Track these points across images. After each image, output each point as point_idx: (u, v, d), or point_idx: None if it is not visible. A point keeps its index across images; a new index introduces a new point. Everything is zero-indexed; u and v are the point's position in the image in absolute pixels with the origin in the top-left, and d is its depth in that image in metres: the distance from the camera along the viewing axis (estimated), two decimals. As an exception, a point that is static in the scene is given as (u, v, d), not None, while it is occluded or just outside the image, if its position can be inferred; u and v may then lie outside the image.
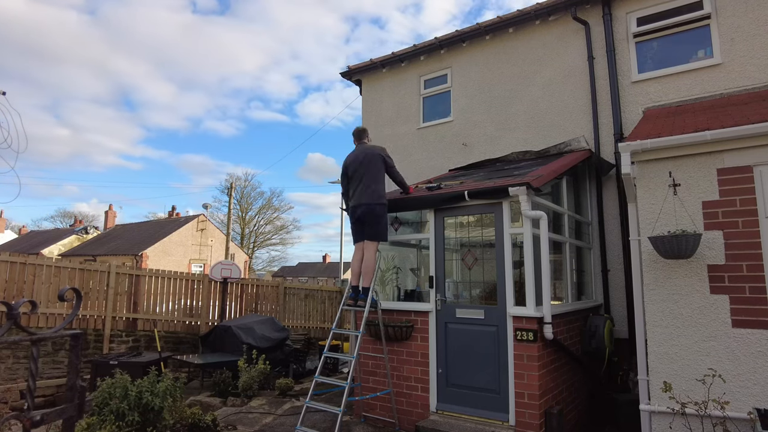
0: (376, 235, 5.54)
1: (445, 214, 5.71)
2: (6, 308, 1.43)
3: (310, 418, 5.69)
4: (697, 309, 4.19)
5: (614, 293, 6.80)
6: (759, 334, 3.94)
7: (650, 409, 4.28)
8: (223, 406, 6.63)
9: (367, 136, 5.99)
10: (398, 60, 9.43)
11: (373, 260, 5.51)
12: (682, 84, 6.68)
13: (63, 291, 1.63)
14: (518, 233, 5.11)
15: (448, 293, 5.68)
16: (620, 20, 7.29)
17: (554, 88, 7.77)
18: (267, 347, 8.46)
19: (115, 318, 9.50)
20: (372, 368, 5.90)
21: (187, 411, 5.29)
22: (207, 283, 11.12)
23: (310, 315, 13.53)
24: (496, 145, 8.19)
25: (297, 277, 54.06)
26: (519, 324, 4.88)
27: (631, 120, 6.89)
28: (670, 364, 4.23)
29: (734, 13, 6.46)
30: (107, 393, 4.73)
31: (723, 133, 4.14)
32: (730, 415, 3.75)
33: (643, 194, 4.56)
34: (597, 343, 5.84)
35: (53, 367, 8.28)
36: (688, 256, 4.13)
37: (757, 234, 4.05)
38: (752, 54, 6.29)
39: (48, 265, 8.86)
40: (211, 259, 29.18)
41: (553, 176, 5.58)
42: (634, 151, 4.45)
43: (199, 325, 10.74)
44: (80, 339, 1.64)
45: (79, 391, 1.58)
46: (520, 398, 4.78)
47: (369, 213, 5.45)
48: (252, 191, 43.74)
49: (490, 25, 8.31)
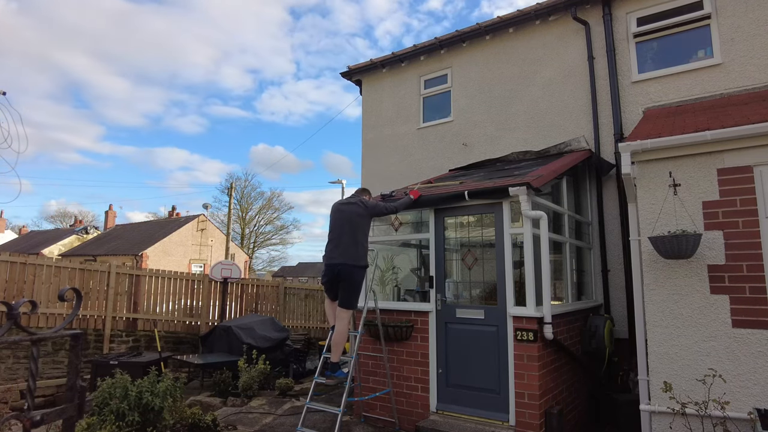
0: (349, 303, 5.04)
1: (445, 214, 5.71)
2: (6, 308, 1.43)
3: (310, 418, 5.69)
4: (698, 309, 4.19)
5: (614, 293, 6.80)
6: (759, 334, 3.94)
7: (650, 409, 4.28)
8: (223, 406, 6.63)
9: (368, 195, 5.57)
10: (398, 60, 9.43)
11: (345, 332, 5.08)
12: (682, 84, 6.68)
13: (63, 291, 1.63)
14: (518, 233, 5.11)
15: (448, 293, 5.67)
16: (620, 20, 7.29)
17: (554, 88, 7.78)
18: (267, 347, 8.45)
19: (115, 318, 9.50)
20: (372, 368, 5.90)
21: (187, 411, 5.29)
22: (207, 283, 11.12)
23: (310, 315, 13.53)
24: (496, 145, 8.19)
25: (297, 277, 54.07)
26: (519, 324, 4.88)
27: (632, 120, 6.89)
28: (671, 364, 4.23)
29: (734, 13, 6.46)
30: (107, 393, 4.73)
31: (723, 133, 4.14)
32: (731, 415, 3.74)
33: (644, 194, 4.56)
34: (597, 343, 5.84)
35: (53, 367, 8.29)
36: (688, 256, 4.13)
37: (757, 234, 4.05)
38: (752, 54, 6.29)
39: (48, 265, 8.86)
40: (211, 259, 29.18)
41: (553, 176, 5.58)
42: (635, 151, 4.45)
43: (199, 325, 10.74)
44: (80, 339, 1.64)
45: (79, 391, 1.57)
46: (520, 398, 4.78)
47: (347, 275, 4.95)
48: (252, 191, 43.77)
49: (490, 25, 8.31)
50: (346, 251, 4.96)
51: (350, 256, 4.95)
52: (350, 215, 5.09)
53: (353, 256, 4.96)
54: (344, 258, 4.95)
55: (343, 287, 5.00)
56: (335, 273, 5.00)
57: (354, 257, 4.96)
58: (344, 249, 4.98)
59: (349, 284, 4.96)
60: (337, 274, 4.98)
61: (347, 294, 5.00)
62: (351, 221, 5.06)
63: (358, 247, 5.00)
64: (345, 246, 4.98)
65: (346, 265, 4.94)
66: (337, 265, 4.98)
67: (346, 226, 5.05)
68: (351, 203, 5.22)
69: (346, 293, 5.00)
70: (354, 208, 5.13)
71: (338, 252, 5.00)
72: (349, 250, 4.96)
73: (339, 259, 4.97)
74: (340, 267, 4.96)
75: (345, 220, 5.08)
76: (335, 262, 4.99)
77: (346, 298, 5.02)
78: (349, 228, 5.03)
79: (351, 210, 5.13)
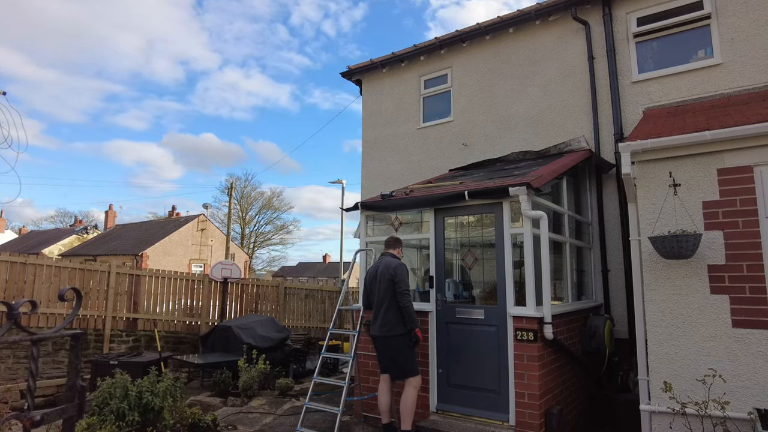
0: (402, 372, 4.85)
1: (445, 214, 5.71)
2: (6, 308, 1.43)
3: (310, 418, 5.69)
4: (698, 309, 4.19)
5: (614, 293, 6.80)
6: (759, 334, 3.94)
7: (650, 409, 4.28)
8: (223, 406, 6.63)
9: (399, 247, 5.35)
10: (398, 60, 9.43)
11: (412, 399, 4.79)
12: (682, 84, 6.68)
13: (63, 291, 1.63)
14: (518, 233, 5.10)
15: (449, 293, 5.67)
16: (620, 20, 7.29)
17: (554, 88, 7.77)
18: (267, 347, 8.46)
19: (115, 318, 9.51)
20: (372, 368, 5.89)
21: (188, 411, 5.28)
22: (207, 283, 11.12)
23: (310, 315, 13.53)
24: (496, 145, 8.19)
25: (297, 277, 54.08)
26: (519, 324, 4.88)
27: (632, 120, 6.88)
28: (670, 364, 4.23)
29: (734, 13, 6.46)
30: (107, 393, 4.73)
31: (723, 133, 4.14)
32: (731, 415, 3.74)
33: (644, 194, 4.55)
34: (597, 343, 5.84)
35: (53, 367, 8.29)
36: (688, 256, 4.13)
37: (758, 234, 4.04)
38: (752, 54, 6.29)
39: (48, 265, 8.86)
40: (211, 259, 29.19)
41: (553, 176, 5.58)
42: (635, 151, 4.45)
43: (199, 325, 10.75)
44: (80, 339, 1.64)
45: (79, 391, 1.57)
46: (521, 398, 4.77)
47: (384, 346, 4.92)
48: (252, 191, 43.77)
49: (490, 25, 8.31)
50: (379, 321, 4.94)
51: (383, 326, 4.89)
52: (383, 280, 4.98)
53: (386, 325, 4.88)
54: (380, 330, 4.90)
55: (386, 357, 4.96)
56: (377, 345, 5.04)
57: (386, 327, 4.87)
58: (379, 318, 4.96)
59: (389, 352, 4.91)
60: (378, 345, 5.01)
61: (394, 363, 4.91)
62: (382, 286, 4.97)
63: (391, 313, 4.88)
64: (380, 315, 4.94)
65: (381, 338, 4.91)
66: (376, 337, 4.99)
67: (380, 293, 4.98)
68: (387, 271, 4.96)
69: (392, 362, 4.93)
70: (387, 279, 4.95)
71: (376, 323, 4.97)
72: (382, 319, 4.92)
73: (376, 329, 4.94)
74: (378, 339, 4.96)
75: (379, 284, 5.00)
76: (374, 332, 4.99)
77: (393, 366, 4.92)
78: (381, 294, 4.97)
79: (386, 275, 4.97)
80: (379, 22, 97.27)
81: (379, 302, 4.95)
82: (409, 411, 4.72)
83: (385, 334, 4.83)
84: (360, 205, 6.31)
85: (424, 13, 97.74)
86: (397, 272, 4.86)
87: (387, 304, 4.85)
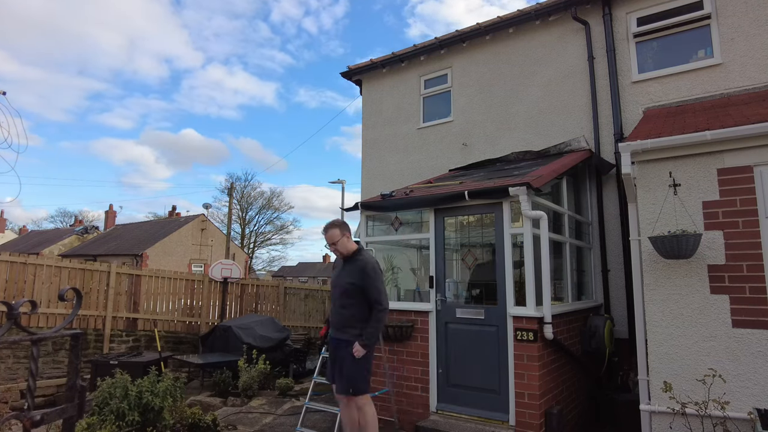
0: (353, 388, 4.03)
1: (445, 214, 5.71)
2: (6, 308, 1.43)
3: (310, 418, 5.69)
4: (698, 309, 4.19)
5: (614, 293, 6.80)
6: (759, 334, 3.94)
7: (650, 409, 4.28)
8: (223, 406, 6.63)
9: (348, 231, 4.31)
10: (398, 60, 9.44)
11: (372, 418, 4.08)
12: (682, 84, 6.68)
13: (63, 291, 1.63)
14: (518, 233, 5.10)
15: (449, 293, 5.67)
16: (620, 20, 7.29)
17: (554, 88, 7.77)
18: (267, 347, 8.46)
19: (115, 318, 9.51)
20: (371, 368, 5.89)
21: (188, 411, 5.28)
22: (207, 283, 11.13)
23: (310, 315, 13.53)
24: (496, 145, 8.19)
25: (297, 277, 54.07)
26: (519, 324, 4.88)
27: (632, 120, 6.88)
28: (670, 364, 4.23)
29: (734, 13, 6.46)
30: (107, 393, 4.73)
31: (723, 133, 4.14)
32: (730, 415, 3.74)
33: (644, 194, 4.55)
34: (597, 343, 5.84)
35: (53, 367, 8.29)
36: (688, 256, 4.13)
37: (758, 234, 4.04)
38: (752, 54, 6.29)
39: (48, 265, 8.87)
40: (211, 259, 29.16)
41: (553, 176, 5.58)
42: (635, 151, 4.45)
43: (199, 325, 10.75)
44: (80, 339, 1.64)
45: (79, 391, 1.57)
46: (521, 398, 4.78)
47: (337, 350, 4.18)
48: (252, 191, 43.79)
49: (490, 25, 8.31)
50: (336, 320, 4.29)
51: (341, 329, 4.22)
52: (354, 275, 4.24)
53: (343, 328, 4.20)
54: (337, 333, 4.23)
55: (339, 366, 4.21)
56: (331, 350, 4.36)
57: (344, 330, 4.18)
58: (335, 318, 4.31)
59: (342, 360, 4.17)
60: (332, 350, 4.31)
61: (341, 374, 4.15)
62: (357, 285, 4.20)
63: (352, 313, 4.18)
64: (338, 315, 4.28)
65: (337, 340, 4.23)
66: (331, 339, 4.34)
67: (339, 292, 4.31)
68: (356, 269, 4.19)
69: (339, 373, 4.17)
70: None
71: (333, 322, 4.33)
72: (340, 319, 4.25)
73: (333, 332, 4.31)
74: (333, 342, 4.29)
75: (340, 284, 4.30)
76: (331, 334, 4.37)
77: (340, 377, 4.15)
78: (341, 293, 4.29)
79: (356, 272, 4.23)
80: (361, 18, 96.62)
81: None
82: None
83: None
84: (360, 205, 6.31)
85: (403, 9, 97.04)
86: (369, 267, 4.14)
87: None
